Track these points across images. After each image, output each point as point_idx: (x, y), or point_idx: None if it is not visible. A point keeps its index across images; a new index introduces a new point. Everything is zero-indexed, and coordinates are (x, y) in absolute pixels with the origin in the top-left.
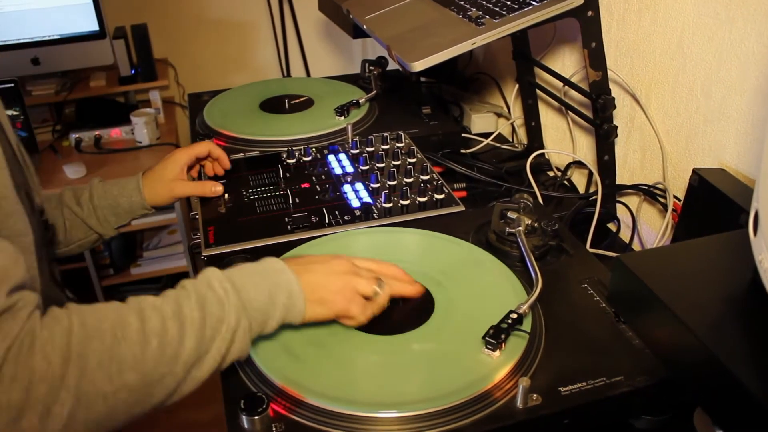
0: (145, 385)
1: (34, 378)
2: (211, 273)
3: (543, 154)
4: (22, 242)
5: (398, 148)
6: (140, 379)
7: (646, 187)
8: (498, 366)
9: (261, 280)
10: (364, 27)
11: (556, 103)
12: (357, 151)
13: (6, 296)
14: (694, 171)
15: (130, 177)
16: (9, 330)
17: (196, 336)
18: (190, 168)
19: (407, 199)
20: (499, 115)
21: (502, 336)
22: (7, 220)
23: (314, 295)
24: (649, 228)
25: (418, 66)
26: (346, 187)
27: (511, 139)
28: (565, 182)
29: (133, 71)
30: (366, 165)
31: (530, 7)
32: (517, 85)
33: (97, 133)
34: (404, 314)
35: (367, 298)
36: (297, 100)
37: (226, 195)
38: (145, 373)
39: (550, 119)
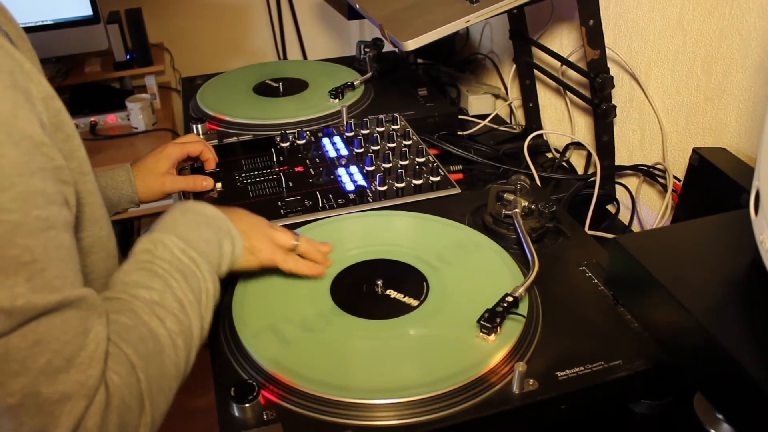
0: (181, 379)
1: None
2: (172, 244)
3: (541, 135)
4: (107, 247)
5: (394, 130)
6: (179, 378)
7: (646, 168)
8: (494, 350)
9: (213, 235)
10: (357, 7)
11: (554, 84)
12: (352, 133)
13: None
14: (695, 150)
15: (118, 167)
16: (98, 330)
17: (197, 315)
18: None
19: (402, 182)
20: (497, 96)
21: (497, 320)
22: (92, 227)
23: (248, 245)
24: (649, 209)
25: (411, 45)
26: (341, 170)
27: (508, 121)
28: (564, 164)
29: (128, 56)
30: (361, 148)
31: None
32: (514, 66)
33: (92, 119)
34: (398, 298)
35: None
36: (274, 83)
37: (219, 184)
38: (180, 372)
39: (548, 100)
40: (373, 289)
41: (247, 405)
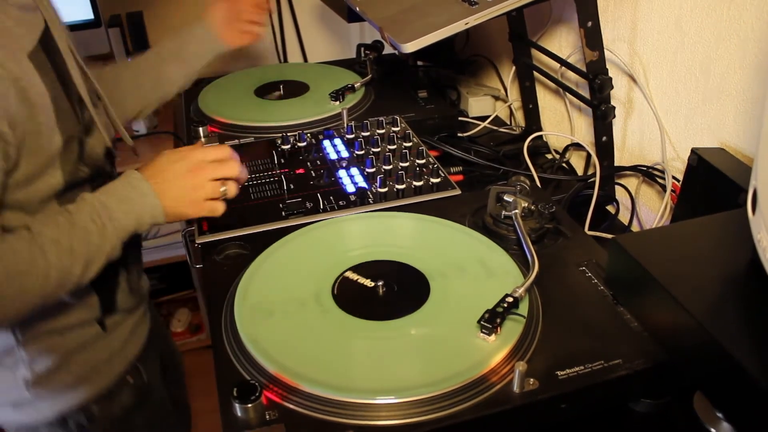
0: (44, 299)
1: None
2: (90, 207)
3: (541, 136)
4: (49, 182)
5: (394, 132)
6: (41, 298)
7: (645, 168)
8: (494, 350)
9: (130, 208)
10: (357, 9)
11: (553, 85)
12: (352, 135)
13: None
14: (693, 151)
15: (192, 26)
16: None
17: (83, 263)
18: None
19: (403, 184)
20: (497, 98)
21: (498, 320)
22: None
23: (173, 211)
24: (648, 209)
25: (411, 47)
26: (342, 172)
27: (508, 122)
28: (564, 165)
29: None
30: (361, 150)
31: None
32: (514, 68)
33: None
34: (400, 299)
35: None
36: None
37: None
38: (45, 294)
39: (547, 101)
40: (375, 290)
41: (249, 405)
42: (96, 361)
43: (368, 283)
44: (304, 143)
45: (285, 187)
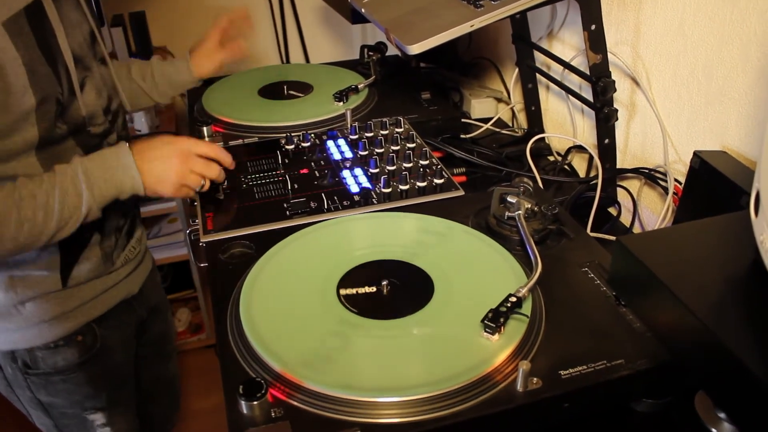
0: (20, 249)
1: None
2: (73, 170)
3: (543, 138)
4: (24, 137)
5: (397, 133)
6: (14, 247)
7: (647, 171)
8: (498, 350)
9: (111, 176)
10: (362, 11)
11: (556, 87)
12: (356, 136)
13: None
14: (695, 154)
15: (181, 58)
16: None
17: (57, 220)
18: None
19: (406, 184)
20: (499, 100)
21: (501, 319)
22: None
23: (152, 187)
24: (650, 212)
25: (416, 48)
26: (345, 173)
27: (511, 124)
28: (566, 167)
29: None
30: (365, 150)
31: None
32: (516, 70)
33: None
34: (404, 299)
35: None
36: (281, 89)
37: (225, 182)
38: (18, 244)
39: (550, 103)
40: (379, 290)
41: (255, 402)
42: (49, 311)
43: (372, 282)
44: (308, 143)
45: (289, 187)
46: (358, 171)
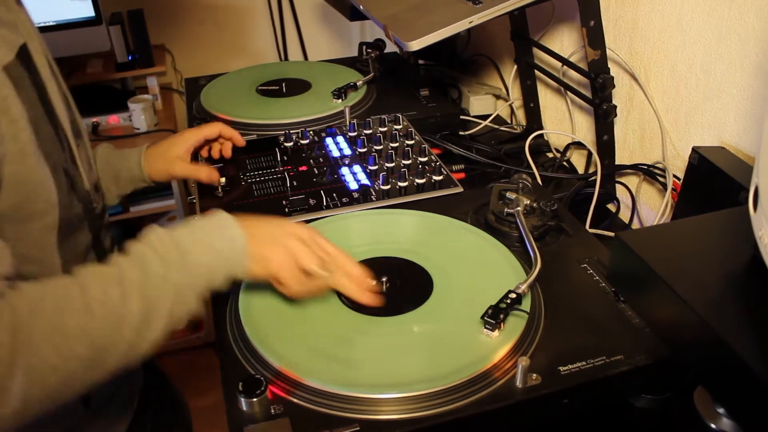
0: (95, 353)
1: None
2: (153, 232)
3: (542, 135)
4: (44, 220)
5: (396, 130)
6: (89, 347)
7: (646, 167)
8: (497, 346)
9: (204, 235)
10: (361, 7)
11: (555, 84)
12: (355, 133)
13: None
14: (694, 149)
15: (134, 149)
16: None
17: (139, 297)
18: (199, 149)
19: (405, 181)
20: (498, 97)
21: (501, 316)
22: (29, 200)
23: (256, 252)
24: (649, 208)
25: (415, 45)
26: (344, 170)
27: (509, 121)
28: (565, 163)
29: (129, 57)
30: (364, 147)
31: None
32: (515, 66)
33: (94, 119)
34: (403, 295)
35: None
36: (276, 86)
37: (223, 179)
38: (93, 341)
39: (549, 100)
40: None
41: (254, 399)
42: None
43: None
44: (307, 141)
45: (288, 184)
46: (356, 168)
